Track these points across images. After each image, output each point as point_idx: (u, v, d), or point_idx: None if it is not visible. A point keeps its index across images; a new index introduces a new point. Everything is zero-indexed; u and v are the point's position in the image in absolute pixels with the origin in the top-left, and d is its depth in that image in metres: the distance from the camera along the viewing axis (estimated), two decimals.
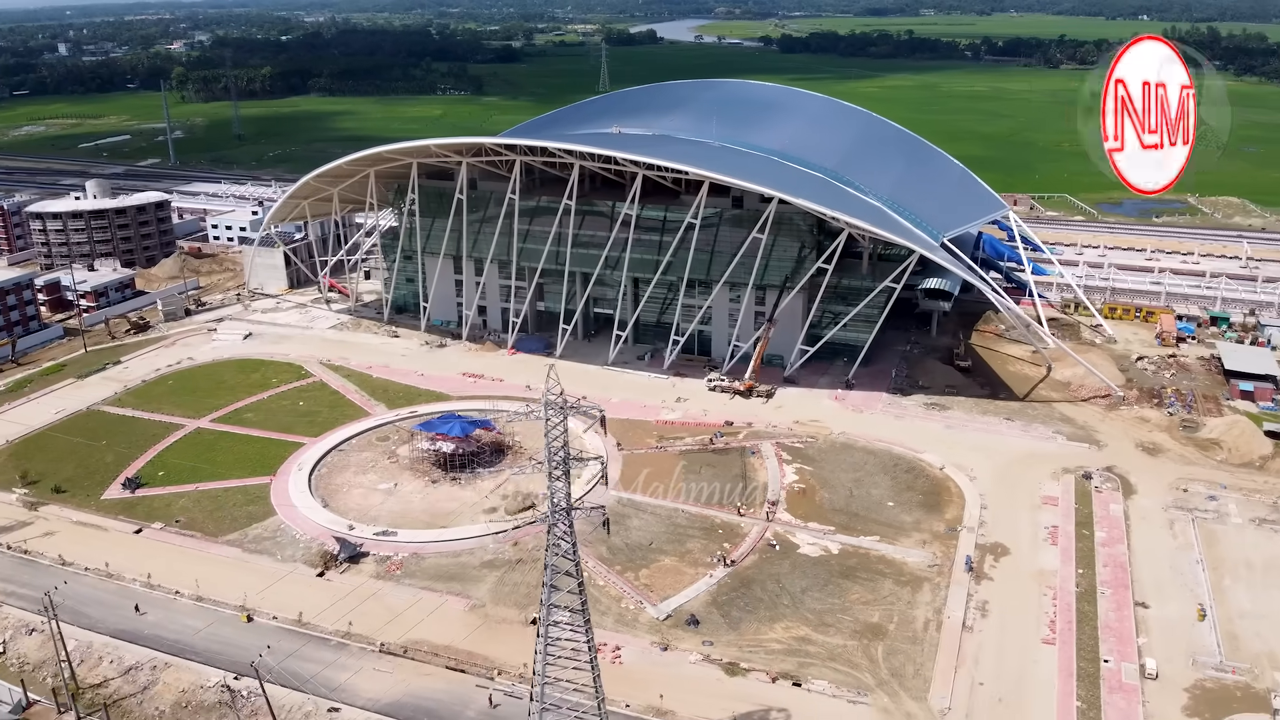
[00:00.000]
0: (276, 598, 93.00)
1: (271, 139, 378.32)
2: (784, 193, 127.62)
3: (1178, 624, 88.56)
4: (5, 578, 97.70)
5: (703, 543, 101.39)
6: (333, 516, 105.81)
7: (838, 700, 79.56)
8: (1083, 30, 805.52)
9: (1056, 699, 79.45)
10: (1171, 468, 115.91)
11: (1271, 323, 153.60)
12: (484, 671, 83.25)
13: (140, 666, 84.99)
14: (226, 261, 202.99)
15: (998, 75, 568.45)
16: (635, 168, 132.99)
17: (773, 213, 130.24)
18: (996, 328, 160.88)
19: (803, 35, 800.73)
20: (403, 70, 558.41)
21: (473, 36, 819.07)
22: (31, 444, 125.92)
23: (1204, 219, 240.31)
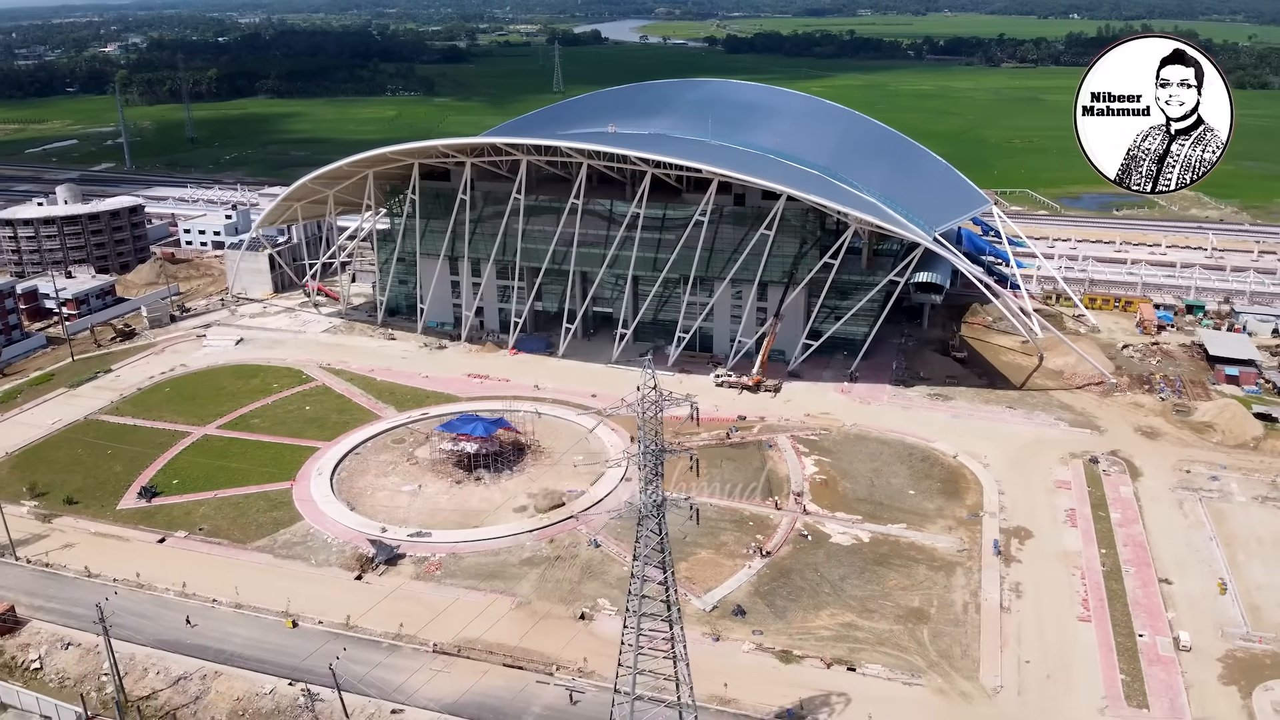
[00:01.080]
0: (316, 602, 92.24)
1: (224, 142, 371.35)
2: (795, 189, 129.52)
3: (1201, 598, 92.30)
4: (30, 592, 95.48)
5: (735, 535, 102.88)
6: (363, 519, 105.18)
7: (893, 683, 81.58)
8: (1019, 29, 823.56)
9: (1101, 672, 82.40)
10: (1171, 450, 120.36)
11: (1245, 310, 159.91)
12: (542, 668, 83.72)
13: (189, 676, 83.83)
14: (204, 266, 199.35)
15: (942, 74, 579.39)
16: (645, 166, 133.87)
17: (780, 209, 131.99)
18: (984, 319, 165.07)
19: (747, 36, 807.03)
20: (349, 71, 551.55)
21: (416, 37, 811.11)
22: (33, 455, 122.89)
23: (1162, 211, 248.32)
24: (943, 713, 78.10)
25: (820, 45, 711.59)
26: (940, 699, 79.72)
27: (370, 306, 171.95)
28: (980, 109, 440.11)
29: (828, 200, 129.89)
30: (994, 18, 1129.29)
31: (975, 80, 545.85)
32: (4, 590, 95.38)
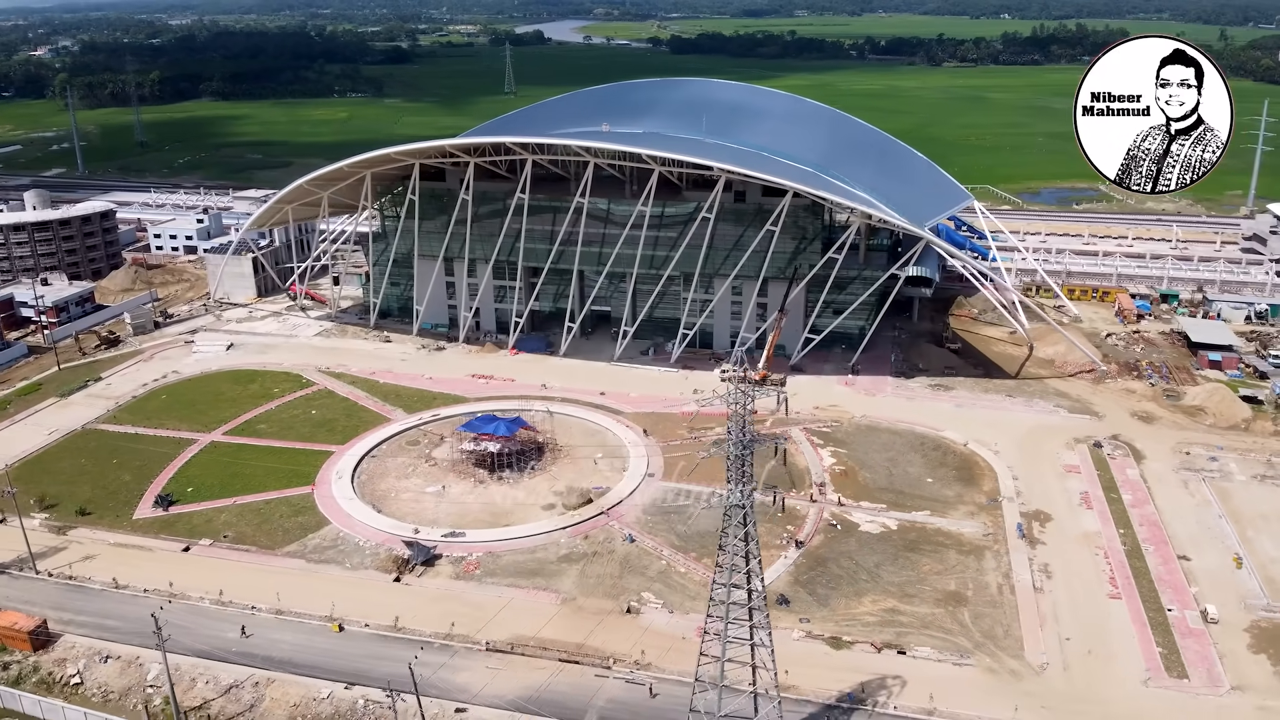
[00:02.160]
0: (359, 605, 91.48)
1: (174, 145, 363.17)
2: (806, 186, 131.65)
3: (1219, 573, 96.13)
4: (58, 605, 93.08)
5: (766, 526, 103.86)
6: (393, 521, 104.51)
7: (943, 664, 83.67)
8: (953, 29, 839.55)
9: (1138, 646, 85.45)
10: (1169, 433, 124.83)
11: (1218, 298, 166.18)
12: (598, 662, 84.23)
13: (240, 685, 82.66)
14: (179, 271, 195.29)
15: (887, 74, 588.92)
16: (653, 164, 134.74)
17: (786, 205, 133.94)
18: (970, 311, 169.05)
19: (691, 36, 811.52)
20: (294, 73, 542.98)
21: (357, 38, 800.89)
22: (34, 466, 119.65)
23: (1120, 205, 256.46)
24: (996, 691, 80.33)
25: (765, 46, 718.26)
26: (991, 678, 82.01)
27: (359, 309, 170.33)
28: (929, 108, 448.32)
29: (839, 197, 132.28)
30: (927, 18, 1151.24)
31: (920, 79, 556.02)
32: (30, 605, 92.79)
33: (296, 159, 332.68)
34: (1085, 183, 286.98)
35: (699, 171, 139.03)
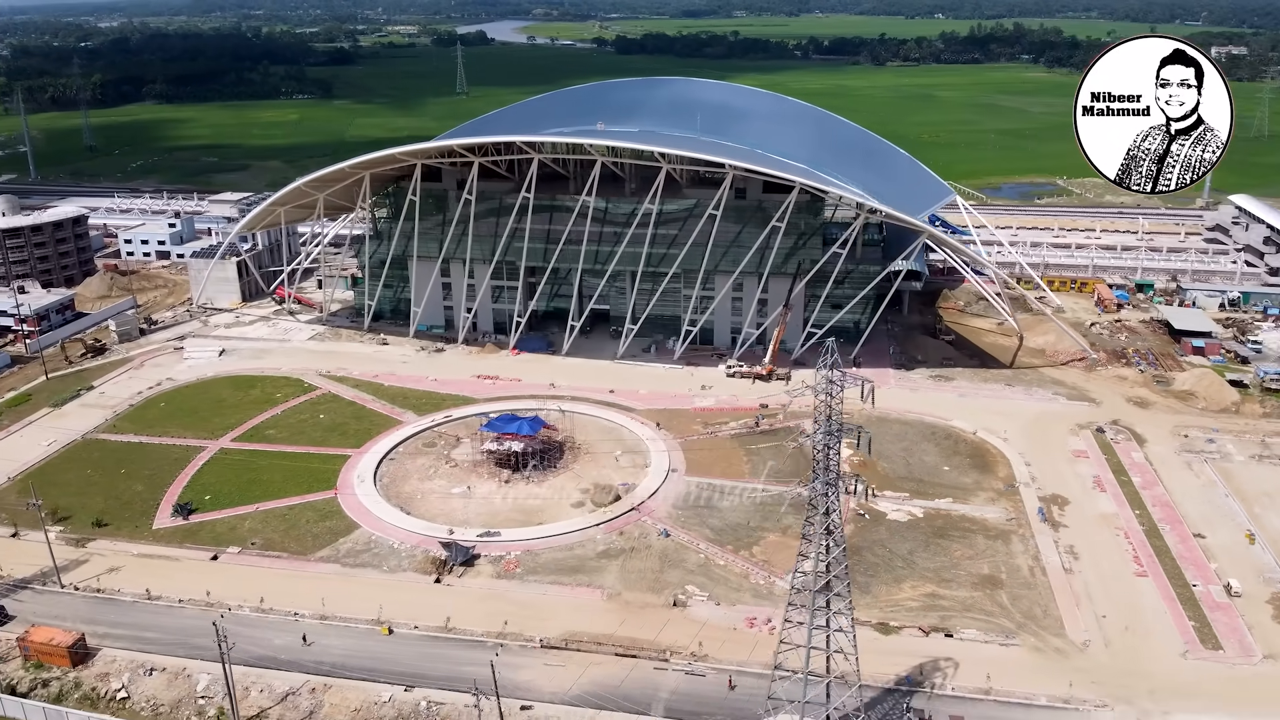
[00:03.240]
0: (405, 608, 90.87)
1: (125, 149, 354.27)
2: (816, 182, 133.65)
3: (1234, 549, 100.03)
4: (90, 619, 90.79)
5: (796, 517, 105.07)
6: (424, 523, 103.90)
7: (990, 645, 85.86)
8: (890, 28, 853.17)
9: (1172, 621, 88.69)
10: (1165, 418, 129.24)
11: (1191, 286, 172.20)
12: (655, 654, 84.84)
13: (297, 691, 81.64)
14: (155, 277, 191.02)
15: (835, 74, 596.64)
16: (663, 161, 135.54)
17: (792, 202, 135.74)
18: (956, 304, 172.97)
19: (636, 36, 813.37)
20: (237, 74, 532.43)
21: (296, 39, 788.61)
22: (39, 478, 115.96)
23: (1080, 199, 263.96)
24: (1046, 669, 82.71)
25: (710, 46, 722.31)
26: (1039, 656, 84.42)
27: (349, 312, 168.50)
28: (881, 107, 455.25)
29: (846, 193, 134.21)
30: (863, 18, 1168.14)
31: (868, 79, 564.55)
32: (60, 620, 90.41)
33: (253, 161, 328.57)
34: (1044, 178, 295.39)
35: (700, 168, 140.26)
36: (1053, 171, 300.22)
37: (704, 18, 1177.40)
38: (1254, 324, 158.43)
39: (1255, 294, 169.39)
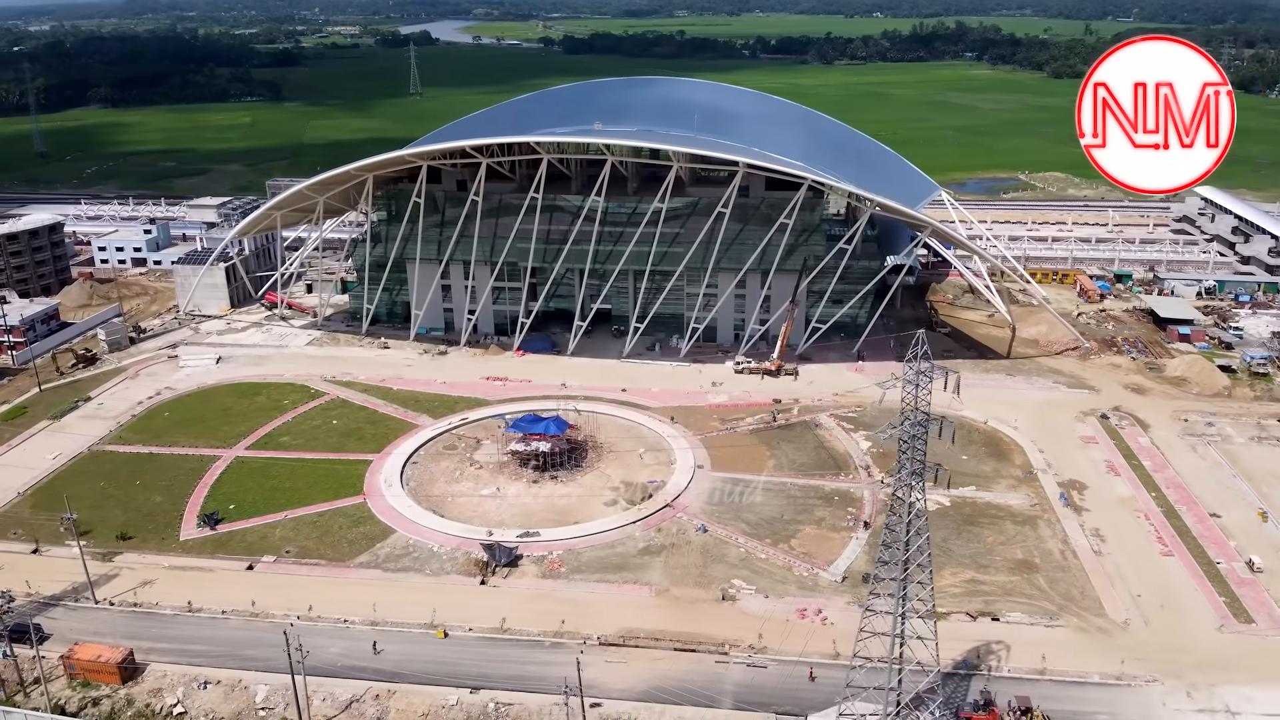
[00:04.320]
0: (454, 611, 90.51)
1: (76, 154, 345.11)
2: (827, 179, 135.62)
3: (1249, 527, 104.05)
4: (131, 635, 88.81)
5: (828, 509, 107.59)
6: (462, 526, 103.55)
7: (1036, 627, 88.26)
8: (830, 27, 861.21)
9: (1203, 597, 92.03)
10: (1163, 403, 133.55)
11: (1169, 276, 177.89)
12: (714, 648, 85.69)
13: (360, 699, 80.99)
14: (134, 285, 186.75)
15: (785, 73, 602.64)
16: (673, 161, 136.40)
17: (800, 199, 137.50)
18: (945, 297, 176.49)
19: (584, 36, 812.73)
20: (182, 77, 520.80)
21: (239, 41, 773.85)
22: (49, 492, 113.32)
23: (1044, 193, 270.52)
24: (1093, 648, 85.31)
25: (659, 46, 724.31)
26: (1084, 636, 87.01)
27: (343, 316, 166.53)
28: (834, 105, 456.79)
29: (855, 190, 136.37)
30: (803, 17, 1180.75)
31: (819, 78, 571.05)
32: (99, 636, 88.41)
33: (212, 165, 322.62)
34: (1006, 173, 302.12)
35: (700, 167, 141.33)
36: (1013, 166, 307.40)
37: (645, 17, 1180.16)
38: (1232, 311, 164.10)
39: (1229, 282, 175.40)
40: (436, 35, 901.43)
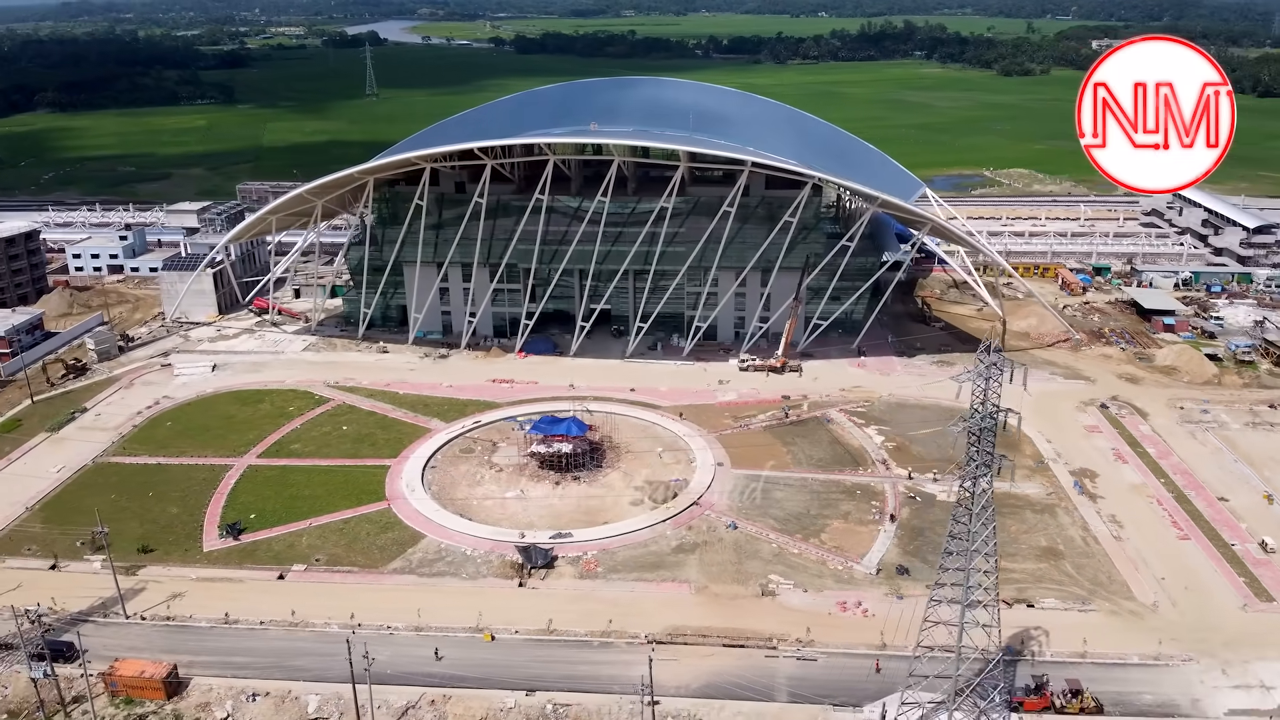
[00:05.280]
0: (497, 614, 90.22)
1: (29, 160, 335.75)
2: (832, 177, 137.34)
3: (1256, 509, 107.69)
4: (168, 649, 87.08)
5: (852, 503, 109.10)
6: (493, 528, 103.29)
7: (1070, 612, 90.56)
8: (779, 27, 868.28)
9: (1224, 578, 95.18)
10: (1157, 392, 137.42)
11: (1147, 268, 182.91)
12: (762, 643, 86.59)
13: (416, 705, 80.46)
14: (112, 292, 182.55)
15: (741, 72, 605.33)
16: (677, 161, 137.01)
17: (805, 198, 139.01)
18: (932, 292, 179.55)
19: (535, 36, 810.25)
20: (130, 80, 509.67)
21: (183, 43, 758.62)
22: (58, 506, 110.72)
23: (1010, 189, 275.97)
24: (1128, 630, 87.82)
25: (612, 45, 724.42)
26: (1118, 619, 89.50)
27: (336, 321, 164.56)
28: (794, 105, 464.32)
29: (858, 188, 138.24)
30: (749, 17, 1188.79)
31: (774, 77, 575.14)
32: (133, 651, 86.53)
33: (173, 170, 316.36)
34: (970, 170, 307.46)
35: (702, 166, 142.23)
36: (977, 164, 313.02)
37: (592, 17, 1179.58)
38: (1211, 301, 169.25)
39: (1203, 273, 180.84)
40: (384, 36, 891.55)
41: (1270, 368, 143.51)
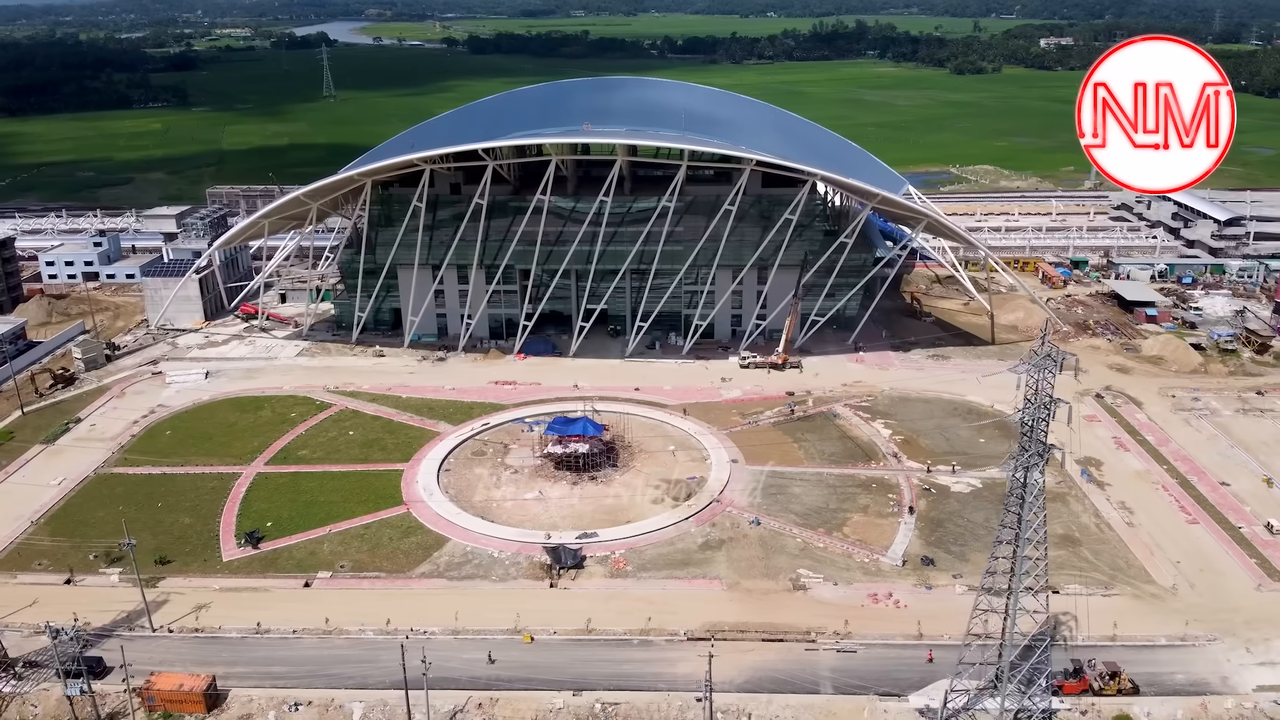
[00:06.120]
0: (533, 615, 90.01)
1: None
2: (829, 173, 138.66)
3: (1258, 493, 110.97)
4: (201, 661, 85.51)
5: (869, 497, 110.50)
6: (518, 530, 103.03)
7: (1094, 597, 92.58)
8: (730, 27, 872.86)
9: (1236, 560, 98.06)
10: (1148, 381, 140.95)
11: (1124, 261, 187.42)
12: (800, 637, 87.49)
13: (463, 709, 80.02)
14: (89, 300, 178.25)
15: (701, 72, 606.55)
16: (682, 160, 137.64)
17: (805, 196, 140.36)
18: (917, 287, 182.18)
19: (489, 36, 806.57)
20: (80, 84, 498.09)
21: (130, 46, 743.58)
22: (65, 520, 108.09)
23: (976, 185, 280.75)
24: (1152, 613, 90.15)
25: (567, 46, 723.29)
26: (1141, 603, 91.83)
27: (327, 325, 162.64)
28: None
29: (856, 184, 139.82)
30: (698, 17, 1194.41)
31: (733, 78, 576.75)
32: (165, 664, 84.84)
33: (134, 174, 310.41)
34: (937, 167, 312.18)
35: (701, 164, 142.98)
36: (942, 161, 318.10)
37: (542, 17, 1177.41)
38: (1188, 292, 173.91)
39: (1176, 265, 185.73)
40: (333, 37, 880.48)
41: (1252, 356, 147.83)
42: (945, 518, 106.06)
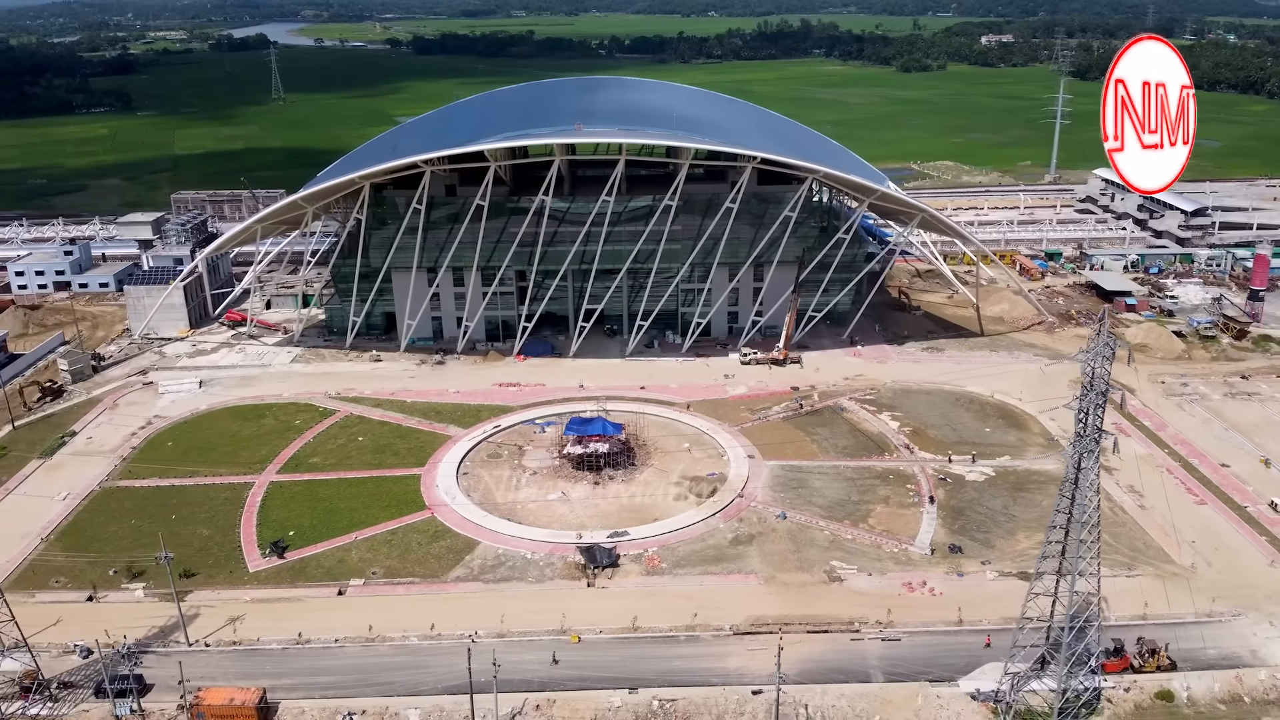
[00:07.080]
0: (574, 615, 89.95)
1: None
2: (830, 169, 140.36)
3: (1256, 473, 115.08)
4: (244, 674, 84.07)
5: (889, 488, 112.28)
6: (548, 531, 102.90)
7: (1118, 578, 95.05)
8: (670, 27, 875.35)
9: (1247, 538, 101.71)
10: (1139, 368, 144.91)
11: (1097, 252, 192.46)
12: (844, 627, 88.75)
13: (521, 712, 79.79)
14: (64, 310, 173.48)
15: (652, 72, 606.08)
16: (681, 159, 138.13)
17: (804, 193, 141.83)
18: (901, 282, 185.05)
19: (434, 37, 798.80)
20: (18, 90, 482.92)
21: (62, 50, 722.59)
22: (75, 535, 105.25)
23: (938, 181, 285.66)
24: (1173, 592, 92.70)
25: (515, 46, 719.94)
26: (1164, 582, 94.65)
27: (318, 330, 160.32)
28: None
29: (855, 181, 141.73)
30: (640, 17, 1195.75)
31: (685, 77, 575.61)
32: (207, 679, 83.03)
33: (89, 181, 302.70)
34: (897, 163, 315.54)
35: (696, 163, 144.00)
36: (902, 157, 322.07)
37: (483, 17, 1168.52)
38: (1162, 281, 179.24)
39: (1147, 255, 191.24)
40: (272, 38, 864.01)
41: (1231, 342, 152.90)
42: (965, 506, 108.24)
